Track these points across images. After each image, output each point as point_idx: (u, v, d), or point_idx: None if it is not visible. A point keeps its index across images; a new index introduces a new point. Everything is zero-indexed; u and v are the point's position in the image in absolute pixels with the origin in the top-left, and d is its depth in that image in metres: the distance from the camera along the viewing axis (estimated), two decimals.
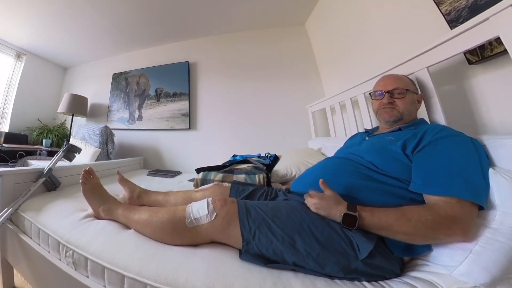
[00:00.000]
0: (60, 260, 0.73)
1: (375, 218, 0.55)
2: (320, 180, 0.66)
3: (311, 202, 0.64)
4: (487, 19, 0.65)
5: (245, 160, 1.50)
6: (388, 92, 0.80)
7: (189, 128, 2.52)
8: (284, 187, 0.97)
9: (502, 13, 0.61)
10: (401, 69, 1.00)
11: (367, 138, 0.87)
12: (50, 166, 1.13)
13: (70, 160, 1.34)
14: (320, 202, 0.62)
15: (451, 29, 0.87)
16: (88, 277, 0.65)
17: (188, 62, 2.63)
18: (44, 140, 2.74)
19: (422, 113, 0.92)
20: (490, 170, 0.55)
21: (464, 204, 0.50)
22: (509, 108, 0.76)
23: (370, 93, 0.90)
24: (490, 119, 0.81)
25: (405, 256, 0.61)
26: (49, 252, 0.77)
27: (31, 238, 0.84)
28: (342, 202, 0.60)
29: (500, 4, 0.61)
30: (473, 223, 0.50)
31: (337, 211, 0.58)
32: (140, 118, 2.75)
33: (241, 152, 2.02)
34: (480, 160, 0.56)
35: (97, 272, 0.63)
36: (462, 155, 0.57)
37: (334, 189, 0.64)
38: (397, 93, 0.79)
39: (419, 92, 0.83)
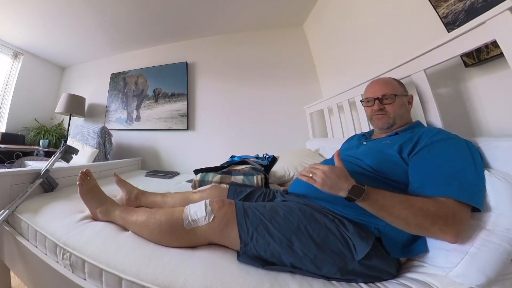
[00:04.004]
0: (57, 262, 0.72)
1: (380, 196, 0.54)
2: (336, 152, 0.64)
3: (319, 175, 0.58)
4: (483, 22, 0.66)
5: (243, 161, 1.50)
6: (377, 98, 0.81)
7: (187, 128, 2.51)
8: (282, 188, 0.97)
9: (498, 17, 0.62)
10: (398, 71, 1.01)
11: (364, 143, 0.88)
12: (47, 167, 1.13)
13: (68, 161, 1.33)
14: (330, 173, 0.57)
15: (448, 32, 0.88)
16: (85, 279, 0.65)
17: (186, 62, 2.62)
18: (41, 141, 2.72)
19: (418, 115, 0.93)
20: (485, 172, 0.56)
21: (462, 205, 0.51)
22: (504, 110, 0.77)
23: (361, 100, 0.92)
24: (486, 121, 0.82)
25: (401, 257, 0.61)
26: (46, 254, 0.77)
27: (28, 240, 0.84)
28: (351, 178, 0.57)
29: (497, 8, 0.61)
30: (468, 225, 0.51)
31: (345, 184, 0.55)
32: (138, 118, 2.74)
33: (239, 153, 2.02)
34: (474, 162, 0.57)
35: (95, 274, 0.63)
36: (457, 157, 0.58)
37: None
38: (386, 99, 0.80)
39: (409, 94, 0.84)
